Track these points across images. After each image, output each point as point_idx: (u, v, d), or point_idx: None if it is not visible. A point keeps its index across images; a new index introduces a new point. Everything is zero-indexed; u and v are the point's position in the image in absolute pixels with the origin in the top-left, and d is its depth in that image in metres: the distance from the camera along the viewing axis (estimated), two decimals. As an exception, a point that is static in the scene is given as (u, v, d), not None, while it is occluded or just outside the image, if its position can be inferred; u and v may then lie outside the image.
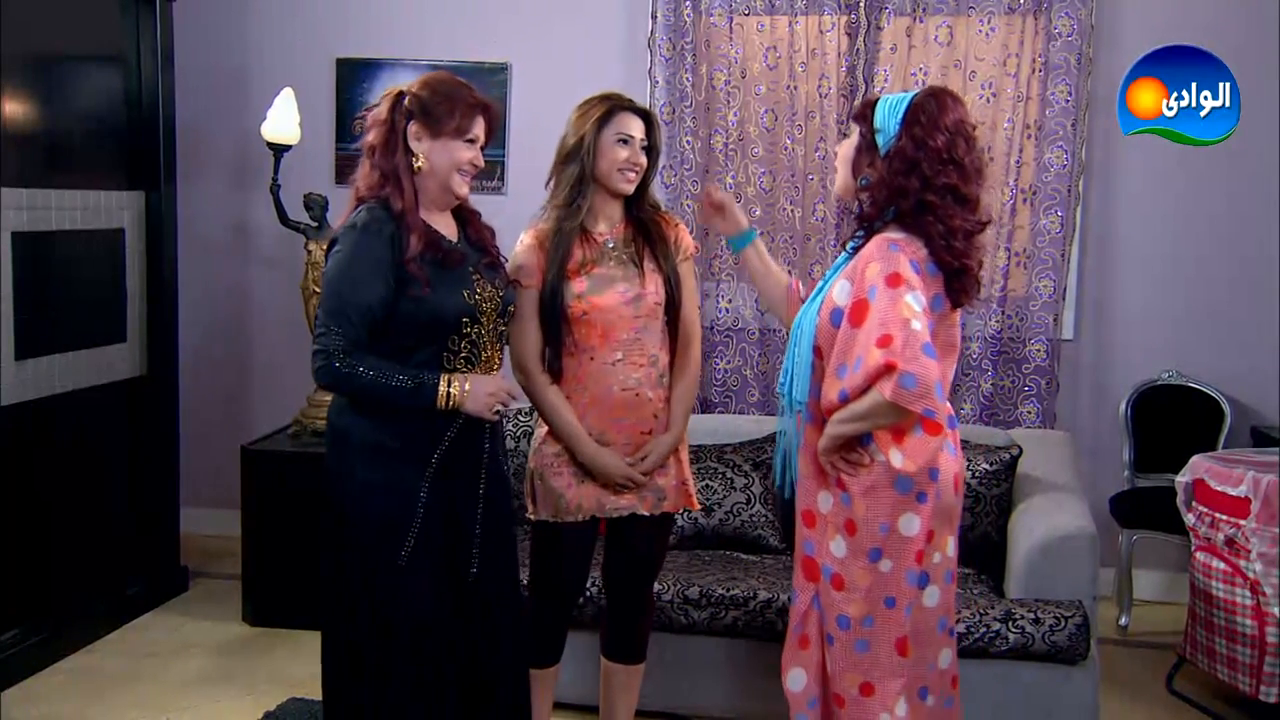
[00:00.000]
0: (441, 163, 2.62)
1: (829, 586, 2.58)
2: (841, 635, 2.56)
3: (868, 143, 2.59)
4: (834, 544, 2.57)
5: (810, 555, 2.64)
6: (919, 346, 2.38)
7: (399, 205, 2.57)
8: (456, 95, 2.63)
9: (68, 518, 4.14)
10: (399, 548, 2.56)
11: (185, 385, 4.72)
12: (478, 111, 2.65)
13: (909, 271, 2.45)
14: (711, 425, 4.20)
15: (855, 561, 2.54)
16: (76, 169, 4.20)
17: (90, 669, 3.95)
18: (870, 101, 2.65)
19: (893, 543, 2.52)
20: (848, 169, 2.64)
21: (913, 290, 2.43)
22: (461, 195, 2.69)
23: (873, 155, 2.58)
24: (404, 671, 2.61)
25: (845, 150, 2.66)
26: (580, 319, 2.84)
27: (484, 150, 2.72)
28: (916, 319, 2.40)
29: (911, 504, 2.52)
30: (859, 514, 2.52)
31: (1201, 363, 4.63)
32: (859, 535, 2.53)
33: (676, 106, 4.72)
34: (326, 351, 2.50)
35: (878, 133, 2.57)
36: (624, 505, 2.92)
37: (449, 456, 2.61)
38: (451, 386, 2.56)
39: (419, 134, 2.62)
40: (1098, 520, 3.60)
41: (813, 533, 2.63)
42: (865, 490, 2.51)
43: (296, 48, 5.08)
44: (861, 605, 2.54)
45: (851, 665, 2.56)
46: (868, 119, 2.60)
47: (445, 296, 2.57)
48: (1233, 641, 3.51)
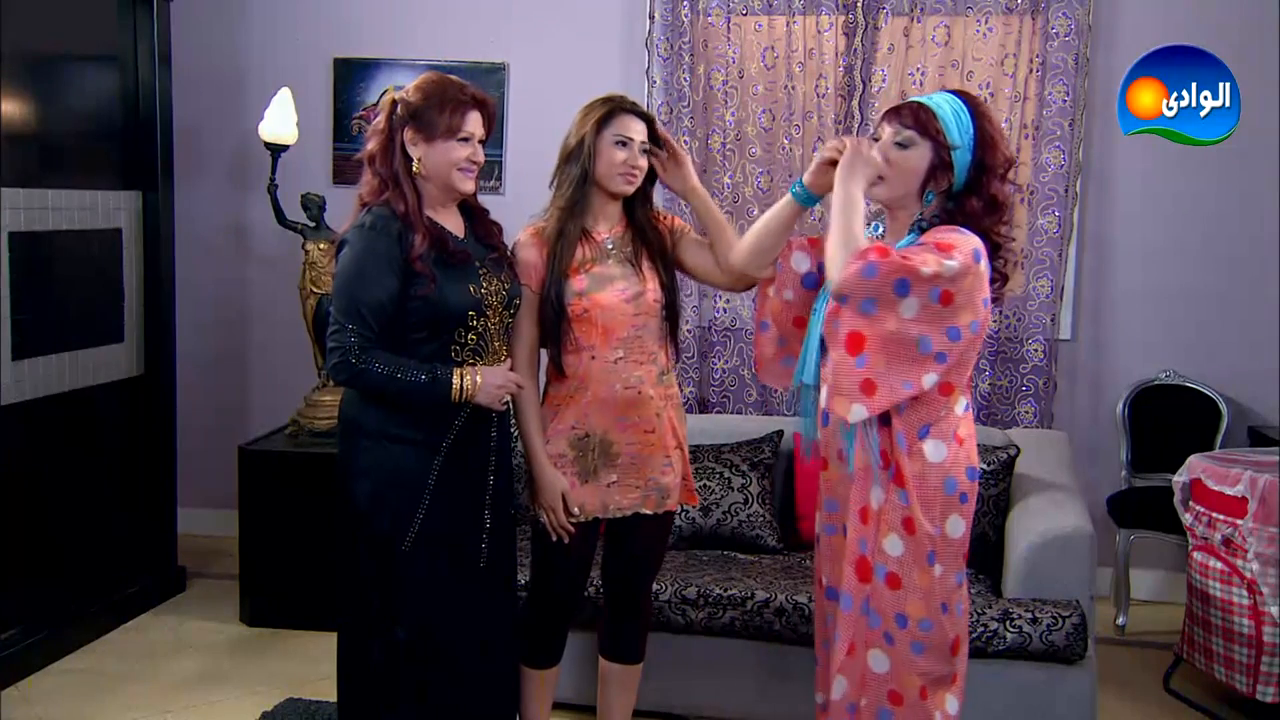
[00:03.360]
0: (439, 164, 2.66)
1: (883, 586, 2.53)
2: (901, 634, 2.52)
3: (944, 159, 2.52)
4: (887, 542, 2.51)
5: (864, 554, 2.56)
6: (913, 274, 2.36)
7: (401, 208, 2.63)
8: (447, 95, 2.65)
9: (65, 518, 4.14)
10: (404, 535, 2.63)
11: (183, 385, 4.72)
12: (469, 108, 2.68)
13: (966, 255, 2.41)
14: (710, 425, 4.20)
15: (915, 564, 2.50)
16: (74, 169, 4.20)
17: (88, 669, 3.94)
18: (922, 109, 2.54)
19: (943, 546, 2.50)
20: (915, 182, 2.54)
21: (954, 259, 2.39)
22: (465, 191, 2.72)
23: (948, 171, 2.52)
24: (414, 660, 2.66)
25: (914, 163, 2.53)
26: (581, 316, 2.84)
27: (484, 145, 2.74)
28: (931, 266, 2.37)
29: (956, 505, 2.51)
30: (918, 515, 2.49)
31: (1199, 363, 4.63)
32: (918, 536, 2.49)
33: (674, 106, 4.72)
34: (343, 349, 2.57)
35: (954, 149, 2.51)
36: (627, 505, 2.92)
37: (457, 445, 2.67)
38: (465, 380, 2.63)
39: (414, 139, 2.66)
40: (1095, 520, 3.60)
41: (867, 529, 2.55)
42: (922, 492, 2.48)
43: (294, 48, 5.07)
44: (919, 606, 2.51)
45: (911, 667, 2.53)
46: (939, 131, 2.51)
47: (452, 291, 2.63)
48: (1230, 641, 3.52)
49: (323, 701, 3.62)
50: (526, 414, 2.88)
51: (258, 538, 4.32)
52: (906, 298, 2.39)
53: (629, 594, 3.08)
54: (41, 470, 4.01)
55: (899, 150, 2.54)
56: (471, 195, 2.79)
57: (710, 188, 4.78)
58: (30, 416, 3.92)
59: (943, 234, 2.47)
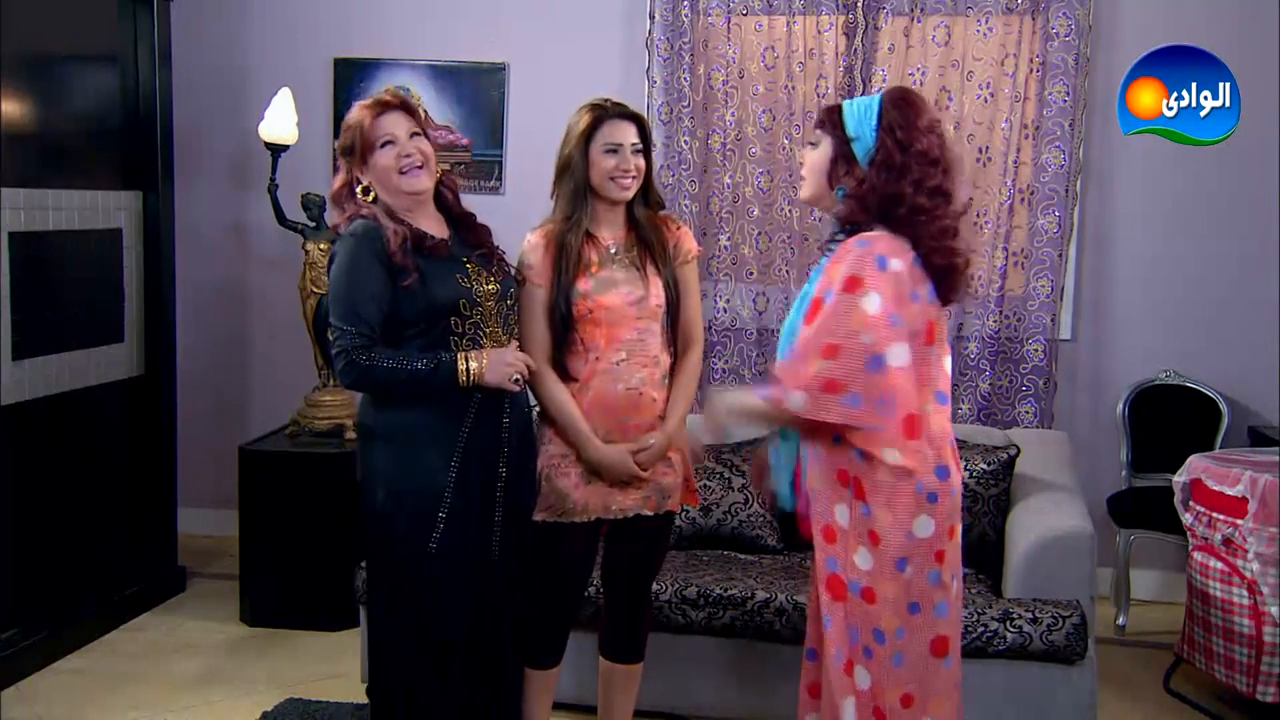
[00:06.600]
0: (380, 176, 2.75)
1: (860, 601, 2.52)
2: (879, 649, 2.51)
3: (844, 151, 2.56)
4: (858, 557, 2.51)
5: (835, 572, 2.55)
6: (862, 363, 2.38)
7: (371, 219, 2.71)
8: (357, 116, 2.76)
9: (65, 518, 4.13)
10: (429, 537, 2.67)
11: (182, 385, 4.72)
12: (380, 113, 2.75)
13: (872, 272, 2.42)
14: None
15: (883, 573, 2.49)
16: (74, 169, 4.20)
17: (88, 669, 3.94)
18: (833, 109, 2.62)
19: (912, 547, 2.49)
20: (822, 178, 2.60)
21: (870, 293, 2.40)
22: (415, 189, 2.75)
23: (850, 164, 2.55)
24: (441, 659, 2.71)
25: (817, 160, 2.61)
26: (585, 318, 2.85)
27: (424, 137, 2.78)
28: (868, 331, 2.39)
29: (925, 505, 2.49)
30: (883, 524, 2.48)
31: (1199, 363, 4.63)
32: (884, 545, 2.48)
33: (674, 106, 4.72)
34: (346, 351, 2.63)
35: (853, 141, 2.55)
36: (629, 506, 2.92)
37: (472, 439, 2.71)
38: (470, 362, 2.67)
39: (358, 169, 2.77)
40: (1095, 520, 3.59)
41: (834, 548, 2.55)
42: (886, 500, 2.47)
43: (294, 48, 5.07)
44: (892, 618, 2.50)
45: (892, 680, 2.52)
46: (838, 126, 2.57)
47: (437, 284, 2.69)
48: (1230, 641, 3.52)
49: (323, 701, 3.62)
50: (562, 401, 2.86)
51: (258, 538, 4.32)
52: (885, 359, 2.40)
53: (630, 594, 3.08)
54: (41, 470, 4.01)
55: (809, 150, 2.65)
56: (454, 202, 2.86)
57: (710, 188, 4.79)
58: (30, 416, 3.92)
59: (841, 262, 2.46)
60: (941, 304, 2.57)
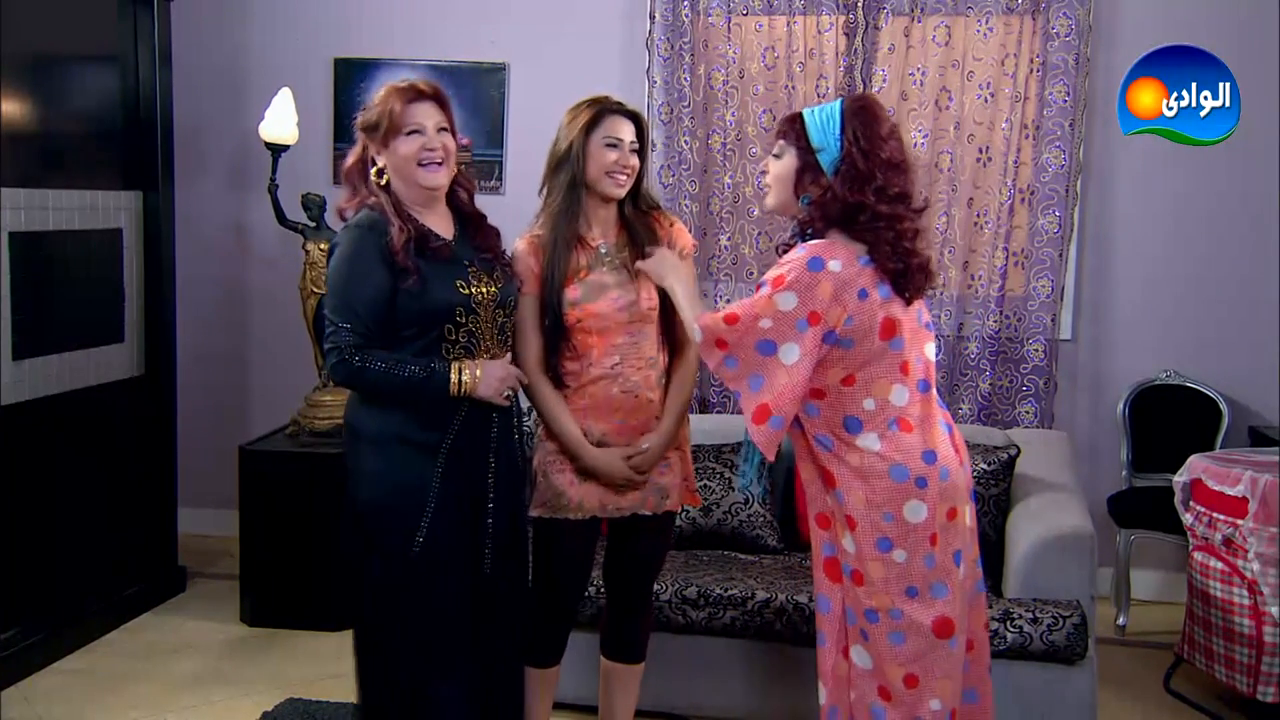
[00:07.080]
0: (398, 164, 2.70)
1: (851, 583, 2.59)
2: (873, 629, 2.56)
3: (809, 161, 2.59)
4: (845, 540, 2.58)
5: (831, 555, 2.63)
6: (753, 340, 2.50)
7: (378, 212, 2.67)
8: (388, 96, 2.70)
9: (65, 518, 4.13)
10: (412, 540, 2.63)
11: (183, 385, 4.72)
12: (415, 100, 2.70)
13: (799, 274, 2.49)
14: (710, 425, 4.20)
15: (867, 554, 2.55)
16: (74, 169, 4.20)
17: (88, 669, 3.94)
18: (795, 118, 2.64)
19: (901, 531, 2.52)
20: (788, 188, 2.63)
21: (787, 292, 2.48)
22: (430, 184, 2.71)
23: (816, 173, 2.58)
24: (423, 664, 2.66)
25: (782, 170, 2.63)
26: (575, 325, 2.84)
27: (451, 134, 2.76)
28: (771, 320, 2.48)
29: (913, 491, 2.52)
30: (856, 508, 2.54)
31: (1199, 363, 4.63)
32: (861, 527, 2.54)
33: (674, 106, 4.72)
34: (339, 348, 2.60)
35: (819, 151, 2.57)
36: (627, 506, 2.92)
37: (458, 445, 2.67)
38: (463, 374, 2.64)
39: (376, 148, 2.71)
40: (1095, 520, 3.60)
41: (828, 533, 2.63)
42: (857, 484, 2.54)
43: (294, 48, 5.07)
44: (884, 597, 2.54)
45: (891, 657, 2.56)
46: (801, 136, 2.60)
47: (437, 288, 2.65)
48: (1230, 641, 3.52)
49: (323, 701, 3.62)
50: (555, 410, 2.86)
51: (258, 538, 4.32)
52: (777, 350, 2.51)
53: (630, 594, 3.08)
54: (41, 470, 4.00)
55: (774, 161, 2.67)
56: (467, 202, 2.82)
57: (710, 188, 4.79)
58: (30, 416, 3.91)
59: (783, 263, 2.55)
60: (905, 302, 2.58)
